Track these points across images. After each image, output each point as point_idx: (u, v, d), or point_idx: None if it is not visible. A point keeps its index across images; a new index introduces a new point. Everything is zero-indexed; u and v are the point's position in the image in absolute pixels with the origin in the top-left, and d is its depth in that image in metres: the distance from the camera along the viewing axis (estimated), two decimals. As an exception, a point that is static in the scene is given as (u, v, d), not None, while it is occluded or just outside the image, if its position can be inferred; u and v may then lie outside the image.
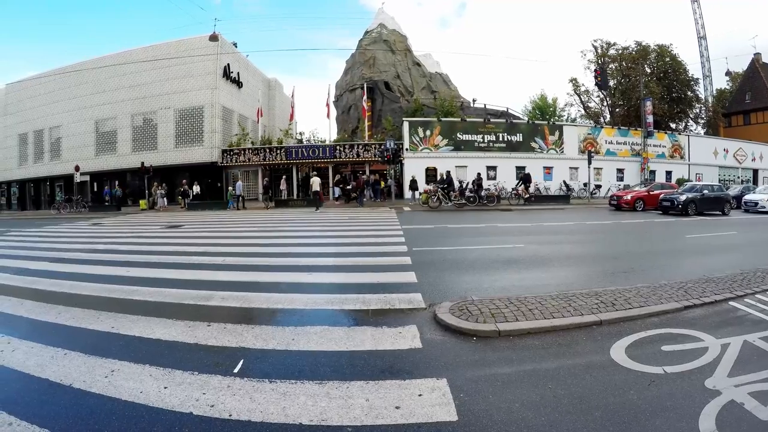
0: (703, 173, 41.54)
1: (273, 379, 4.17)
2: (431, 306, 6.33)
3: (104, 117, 40.26)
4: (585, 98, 53.14)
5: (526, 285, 7.62)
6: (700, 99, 53.19)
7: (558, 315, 5.68)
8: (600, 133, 38.99)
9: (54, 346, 5.14)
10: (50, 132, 43.25)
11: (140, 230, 18.82)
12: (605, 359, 4.55)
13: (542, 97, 57.30)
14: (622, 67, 48.98)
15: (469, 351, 4.87)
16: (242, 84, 41.71)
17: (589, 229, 16.87)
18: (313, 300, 6.95)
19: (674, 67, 48.44)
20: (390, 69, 52.85)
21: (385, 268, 9.21)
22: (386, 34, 55.32)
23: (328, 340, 5.16)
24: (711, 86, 59.85)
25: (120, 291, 7.77)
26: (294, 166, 36.81)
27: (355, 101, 50.17)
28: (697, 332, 5.23)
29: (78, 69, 40.94)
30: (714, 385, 3.92)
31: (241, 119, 41.17)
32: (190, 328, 5.65)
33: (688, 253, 11.94)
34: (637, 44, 49.19)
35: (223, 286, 7.83)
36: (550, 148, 37.24)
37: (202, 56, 36.59)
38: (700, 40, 59.93)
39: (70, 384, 4.16)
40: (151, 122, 38.99)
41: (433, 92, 53.59)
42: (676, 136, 42.28)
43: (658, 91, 45.12)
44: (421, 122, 36.53)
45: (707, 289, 6.97)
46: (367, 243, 12.74)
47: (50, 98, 42.75)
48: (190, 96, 37.49)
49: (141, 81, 38.49)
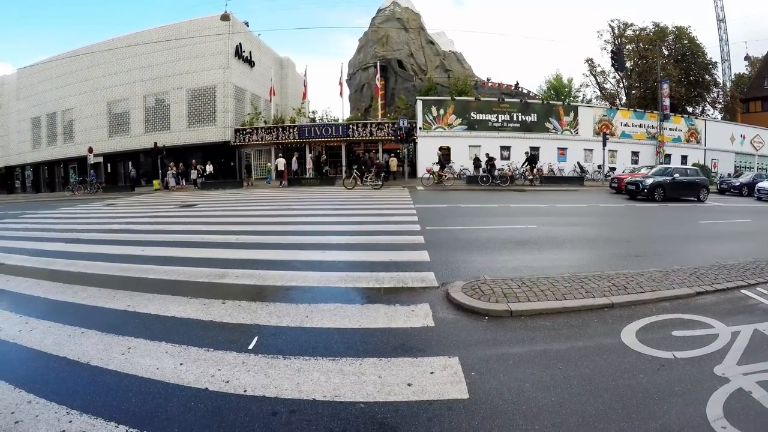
0: (719, 159, 41.06)
1: (287, 355, 4.24)
2: (444, 285, 6.37)
3: (116, 98, 40.31)
4: (601, 79, 52.37)
5: (539, 266, 7.63)
6: (718, 83, 52.06)
7: (570, 296, 5.69)
8: (615, 115, 38.51)
9: (71, 324, 5.25)
10: (63, 115, 43.46)
11: (154, 210, 19.00)
12: (616, 342, 4.56)
13: (558, 77, 56.69)
14: (639, 49, 47.99)
15: (481, 330, 4.91)
16: (254, 63, 41.49)
17: (602, 212, 16.79)
18: (326, 278, 7.02)
19: (692, 50, 47.35)
20: (403, 47, 52.41)
21: (398, 246, 9.28)
22: (399, 11, 54.72)
23: (342, 318, 5.22)
24: (729, 70, 58.79)
25: (135, 270, 7.88)
26: (307, 144, 36.71)
27: (368, 80, 49.89)
28: (708, 319, 5.20)
29: (90, 51, 40.91)
30: (723, 373, 3.91)
31: (253, 98, 41.08)
32: (205, 306, 5.73)
33: (702, 239, 11.88)
34: (655, 25, 48.17)
35: (237, 264, 7.94)
36: (565, 129, 36.85)
37: (214, 36, 36.39)
38: (719, 23, 58.86)
39: (87, 362, 4.26)
40: (163, 103, 39.03)
41: (446, 71, 53.11)
42: (692, 120, 41.66)
43: (676, 74, 44.25)
44: (434, 101, 36.28)
45: (719, 276, 6.90)
46: (381, 222, 12.78)
47: (62, 81, 42.89)
48: (203, 76, 37.38)
49: (153, 62, 38.44)
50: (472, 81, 48.45)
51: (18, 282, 7.55)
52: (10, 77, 48.72)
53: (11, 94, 47.53)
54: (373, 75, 43.27)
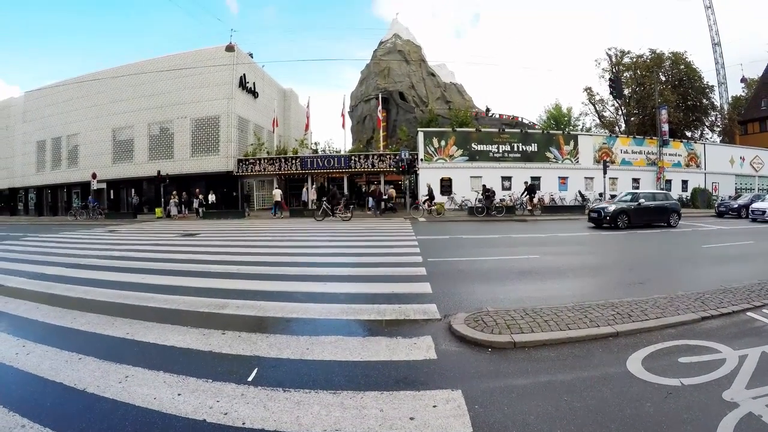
0: (720, 182, 41.31)
1: (287, 388, 4.18)
2: (446, 317, 6.30)
3: (121, 125, 40.82)
4: (600, 107, 53.07)
5: (542, 296, 7.57)
6: (716, 106, 52.70)
7: (574, 326, 5.63)
8: (615, 142, 38.75)
9: (68, 350, 5.23)
10: (68, 139, 43.97)
11: (155, 238, 18.98)
12: (621, 371, 4.50)
13: (557, 106, 57.26)
14: (636, 76, 48.70)
15: (485, 362, 4.84)
16: (258, 94, 41.99)
17: (604, 240, 16.71)
18: (327, 310, 6.94)
19: (689, 75, 48.05)
20: (404, 79, 53.12)
21: (400, 278, 9.20)
22: (401, 44, 55.68)
23: (343, 350, 5.16)
24: (726, 93, 59.27)
25: (135, 297, 7.86)
26: (309, 176, 36.92)
27: (370, 111, 50.44)
28: (714, 343, 5.16)
29: (96, 78, 41.64)
30: (732, 398, 3.87)
31: (256, 129, 41.50)
32: (204, 336, 5.68)
33: (705, 263, 11.82)
34: (652, 52, 48.99)
35: (238, 295, 7.87)
36: (565, 158, 37.07)
37: (219, 66, 36.94)
38: (714, 47, 59.54)
39: (83, 388, 4.23)
40: (167, 131, 39.44)
41: (447, 102, 53.81)
42: (691, 144, 41.91)
43: (673, 99, 44.78)
44: (435, 132, 36.63)
45: (725, 299, 6.88)
46: (382, 253, 12.74)
47: (68, 106, 43.51)
48: (207, 105, 37.82)
49: (158, 90, 38.98)
50: (473, 112, 48.92)
51: (17, 304, 7.58)
52: (17, 100, 49.40)
53: (18, 116, 48.17)
54: (375, 107, 43.71)
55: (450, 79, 60.50)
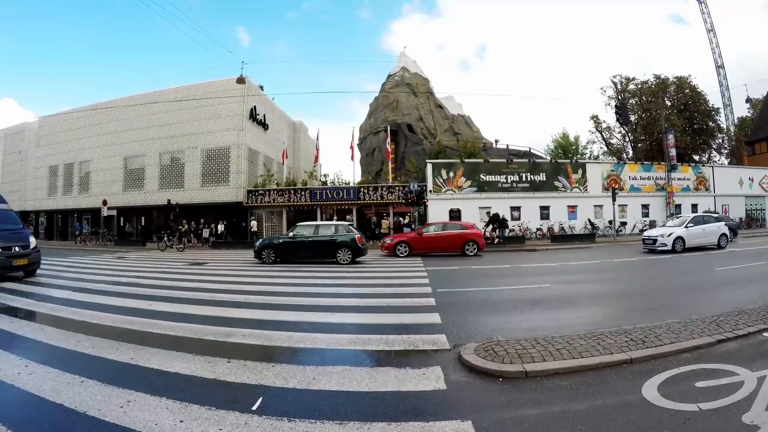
0: (729, 204, 41.07)
1: (292, 418, 4.09)
2: (456, 347, 6.19)
3: (133, 154, 41.25)
4: (607, 135, 53.11)
5: (553, 325, 7.44)
6: (722, 128, 52.71)
7: (587, 354, 5.51)
8: (623, 169, 38.65)
9: (71, 372, 5.24)
10: (80, 166, 44.46)
11: (164, 266, 19.11)
12: (637, 398, 4.39)
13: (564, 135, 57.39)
14: (642, 102, 48.83)
15: (495, 392, 4.73)
16: (268, 126, 42.38)
17: (615, 267, 16.55)
18: (335, 340, 6.85)
19: (694, 98, 48.16)
20: (413, 111, 53.67)
21: (409, 309, 9.11)
22: (408, 77, 56.39)
23: (350, 381, 5.06)
24: (732, 115, 59.52)
25: (141, 323, 7.91)
26: (318, 207, 36.93)
27: (379, 144, 50.84)
28: (731, 366, 5.07)
29: (110, 106, 42.45)
30: (752, 420, 3.78)
31: (266, 160, 41.77)
32: (209, 364, 5.63)
33: (719, 286, 11.65)
34: (656, 77, 49.24)
35: (245, 324, 7.82)
36: (574, 186, 36.97)
37: (230, 98, 37.42)
38: (718, 69, 59.88)
39: (84, 411, 4.21)
40: (178, 161, 39.77)
41: (455, 134, 54.25)
42: (700, 168, 41.73)
43: (680, 124, 44.84)
44: (444, 164, 36.70)
45: (740, 321, 6.81)
46: (391, 284, 12.62)
47: (81, 133, 44.15)
48: (217, 137, 38.20)
49: (170, 120, 39.50)
50: (480, 143, 49.12)
51: (22, 325, 7.76)
52: (32, 125, 50.20)
53: (31, 141, 48.77)
54: (384, 139, 44.04)
55: (458, 110, 61.06)
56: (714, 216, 24.37)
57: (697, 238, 21.56)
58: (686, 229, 21.41)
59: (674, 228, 21.82)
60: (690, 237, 21.24)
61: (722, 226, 22.69)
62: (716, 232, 22.13)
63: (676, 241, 20.68)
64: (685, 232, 21.21)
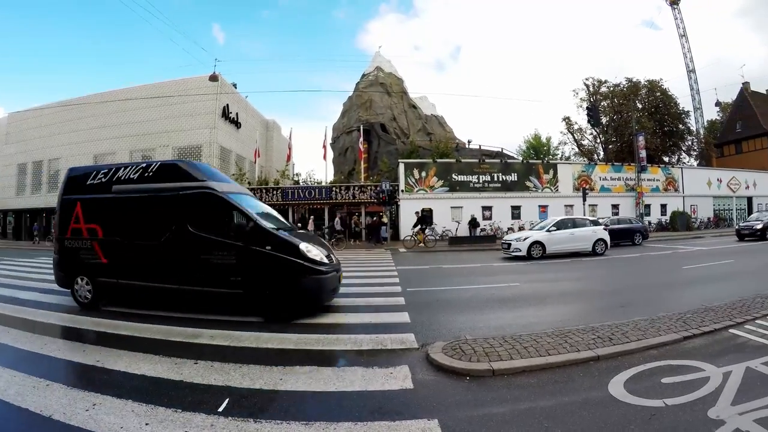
0: (698, 204, 42.27)
1: (258, 418, 4.07)
2: (424, 346, 6.19)
3: (103, 152, 40.32)
4: (578, 136, 53.75)
5: (521, 323, 7.48)
6: (692, 131, 53.77)
7: (554, 352, 5.55)
8: (594, 170, 39.21)
9: (37, 376, 5.14)
10: (49, 164, 43.51)
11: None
12: (603, 395, 4.43)
13: (536, 136, 58.09)
14: (613, 104, 49.59)
15: (462, 391, 4.73)
16: (240, 124, 42.07)
17: (585, 266, 16.70)
18: (303, 340, 6.79)
19: (665, 101, 49.06)
20: (386, 111, 53.63)
21: (378, 308, 9.08)
22: (383, 77, 56.35)
23: (317, 381, 5.03)
24: (702, 118, 60.54)
25: (107, 325, 7.76)
26: (290, 207, 36.67)
27: (352, 143, 50.64)
28: (697, 362, 5.16)
29: (81, 103, 41.49)
30: (717, 415, 3.85)
31: (238, 159, 41.40)
32: (176, 365, 5.56)
33: (686, 284, 11.89)
34: (628, 81, 49.96)
35: (212, 324, 7.68)
36: (545, 186, 37.36)
37: (202, 96, 37.05)
38: (689, 74, 60.87)
39: (50, 415, 4.15)
40: (149, 159, 38.88)
41: (428, 134, 54.35)
42: (669, 169, 42.61)
43: (650, 126, 45.61)
44: (416, 164, 36.75)
45: (706, 318, 6.94)
46: (361, 284, 12.53)
47: (51, 130, 43.18)
48: (189, 135, 37.81)
49: (141, 118, 38.93)
50: (453, 143, 49.35)
51: None
52: (0, 120, 48.94)
53: (0, 137, 47.57)
54: (357, 138, 43.87)
55: (431, 111, 61.27)
56: (590, 219, 22.75)
57: (564, 243, 19.86)
58: (548, 233, 19.80)
59: (533, 232, 20.61)
60: (553, 242, 19.58)
61: (599, 231, 20.82)
62: (590, 238, 20.35)
63: (533, 246, 19.10)
64: (546, 237, 19.55)
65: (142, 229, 8.91)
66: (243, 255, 8.11)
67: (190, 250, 8.41)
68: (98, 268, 9.23)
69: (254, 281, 8.03)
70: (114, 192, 9.27)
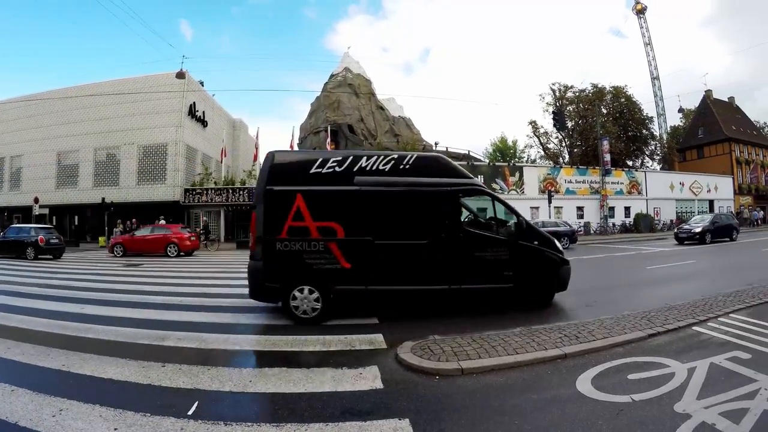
0: (661, 207, 43.52)
1: (228, 421, 4.00)
2: (393, 346, 6.19)
3: (67, 149, 39.04)
4: (544, 140, 54.66)
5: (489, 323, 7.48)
6: (655, 136, 55.47)
7: (522, 351, 5.62)
8: (559, 172, 39.93)
9: (1, 381, 4.95)
10: (11, 161, 41.72)
11: (97, 267, 18.39)
12: (571, 392, 4.51)
13: (503, 139, 58.84)
14: (579, 109, 50.53)
15: (432, 390, 4.75)
16: (207, 123, 41.30)
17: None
18: (272, 342, 6.77)
19: (629, 107, 50.38)
20: (354, 112, 53.59)
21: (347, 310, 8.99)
22: (351, 78, 56.28)
23: (287, 382, 5.00)
24: (665, 124, 62.19)
25: (73, 328, 7.57)
26: (257, 207, 36.28)
27: (319, 143, 50.40)
28: (662, 359, 5.29)
29: (44, 98, 39.96)
30: (684, 409, 3.95)
31: (204, 159, 40.63)
32: (144, 369, 5.45)
33: (650, 283, 12.20)
34: (594, 86, 51.13)
35: (180, 326, 7.60)
36: (511, 188, 37.86)
37: (169, 93, 36.18)
38: (653, 81, 62.33)
39: (15, 422, 4.00)
40: (114, 157, 37.99)
41: (396, 135, 54.52)
42: (633, 172, 43.74)
43: (615, 131, 46.66)
44: (384, 164, 36.57)
45: (670, 316, 7.13)
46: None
47: (13, 126, 41.38)
48: (155, 133, 36.83)
49: (106, 115, 37.70)
50: (421, 145, 49.57)
51: None
52: None
53: None
54: (324, 139, 43.78)
55: (399, 113, 61.39)
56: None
57: None
58: None
59: None
60: None
61: None
62: None
63: None
64: None
65: (405, 227, 8.22)
66: (514, 250, 8.49)
67: (465, 248, 8.26)
68: (336, 275, 7.99)
69: (524, 275, 8.50)
70: (357, 184, 8.15)
